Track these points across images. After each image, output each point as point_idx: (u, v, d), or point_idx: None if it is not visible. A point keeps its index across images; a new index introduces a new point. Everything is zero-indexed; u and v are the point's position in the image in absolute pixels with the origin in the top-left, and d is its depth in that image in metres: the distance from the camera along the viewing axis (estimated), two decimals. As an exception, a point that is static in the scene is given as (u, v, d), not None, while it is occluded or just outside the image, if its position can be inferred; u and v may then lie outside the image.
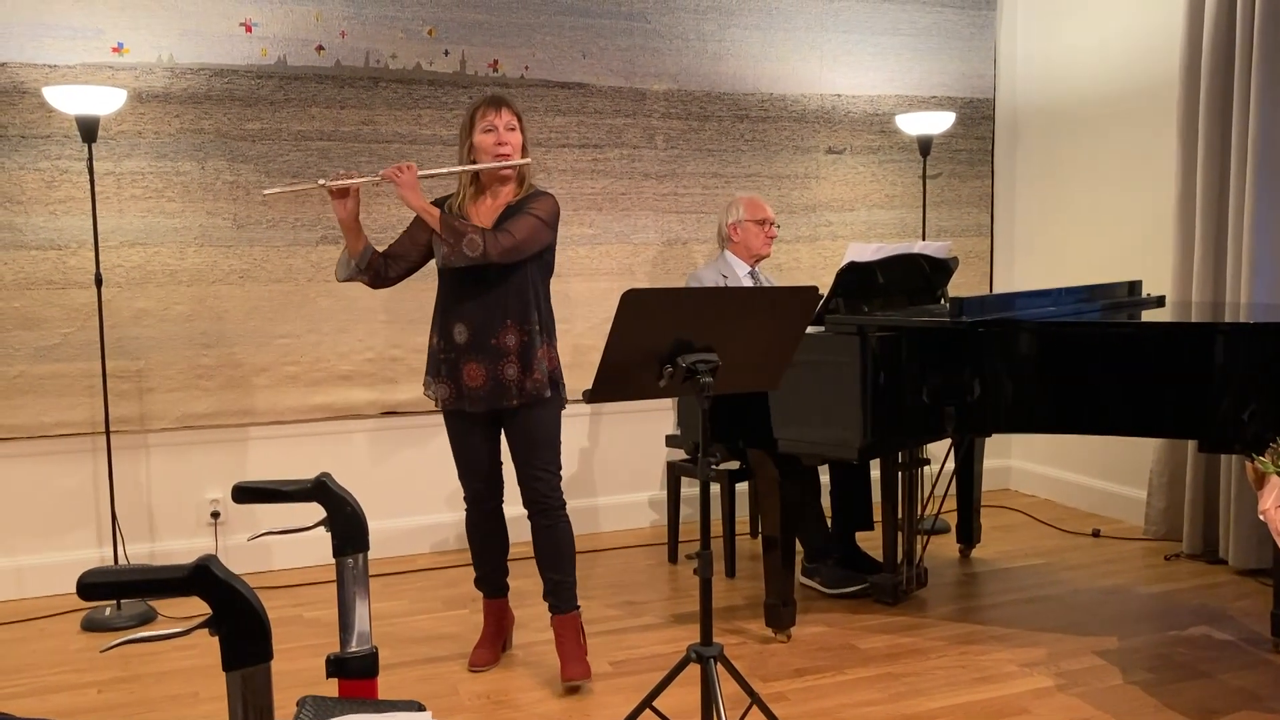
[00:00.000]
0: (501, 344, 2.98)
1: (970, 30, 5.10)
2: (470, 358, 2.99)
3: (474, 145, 3.01)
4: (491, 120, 2.98)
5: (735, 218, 4.11)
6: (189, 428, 4.07)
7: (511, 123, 3.01)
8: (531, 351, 3.01)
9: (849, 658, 3.23)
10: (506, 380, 2.99)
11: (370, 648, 1.81)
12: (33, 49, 3.77)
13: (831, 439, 3.16)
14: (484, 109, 3.00)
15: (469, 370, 3.00)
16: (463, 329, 2.99)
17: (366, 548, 1.83)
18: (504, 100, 3.03)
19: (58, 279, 3.86)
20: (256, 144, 4.06)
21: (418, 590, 3.96)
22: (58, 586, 3.91)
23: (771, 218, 4.14)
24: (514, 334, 2.99)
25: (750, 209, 4.11)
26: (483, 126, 2.99)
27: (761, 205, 4.14)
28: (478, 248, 2.89)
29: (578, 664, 3.06)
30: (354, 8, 4.14)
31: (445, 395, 3.05)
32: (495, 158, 2.98)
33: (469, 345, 2.99)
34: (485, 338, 2.98)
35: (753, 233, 4.09)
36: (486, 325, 2.98)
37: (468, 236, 2.89)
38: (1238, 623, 3.45)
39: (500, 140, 2.98)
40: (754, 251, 4.11)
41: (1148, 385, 2.98)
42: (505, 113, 3.00)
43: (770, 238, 4.13)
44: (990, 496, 5.04)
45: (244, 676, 1.26)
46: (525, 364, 3.00)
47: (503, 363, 2.98)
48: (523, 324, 3.00)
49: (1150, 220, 4.49)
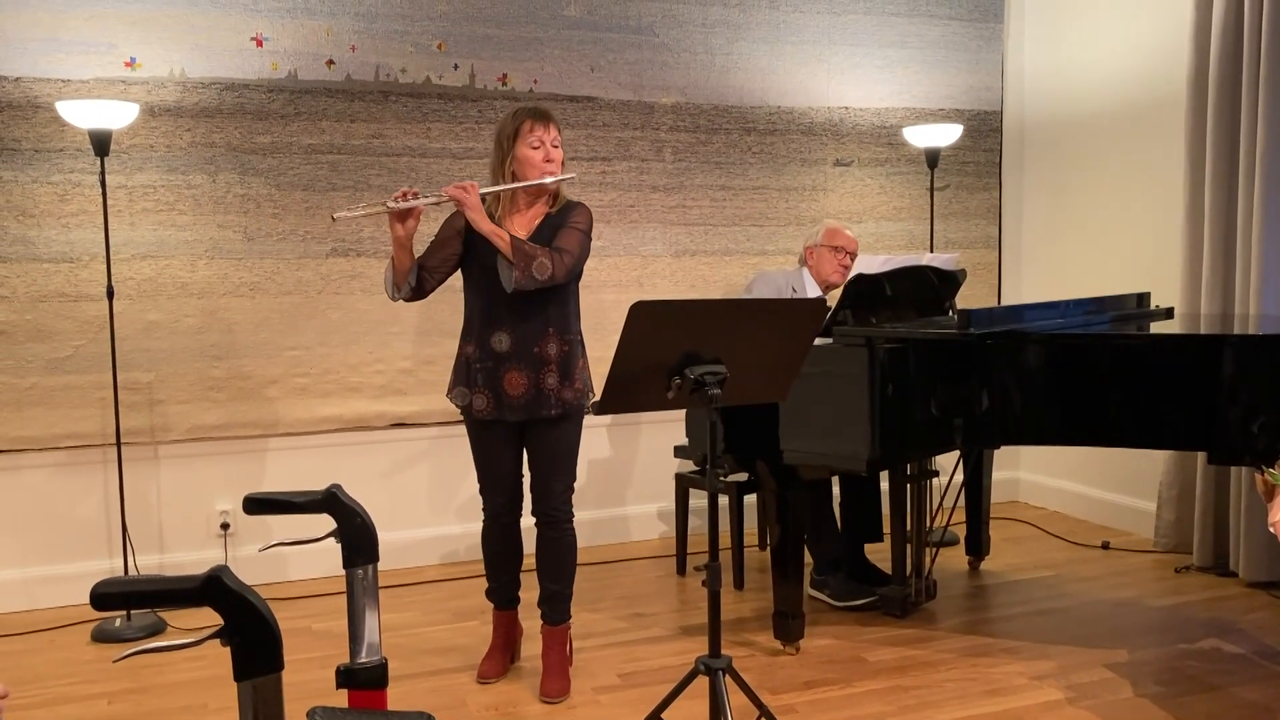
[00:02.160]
0: (544, 353, 2.98)
1: (978, 43, 5.11)
2: (512, 366, 2.98)
3: (517, 158, 2.99)
4: (539, 136, 2.97)
5: (813, 241, 4.10)
6: (199, 439, 4.08)
7: (556, 138, 3.01)
8: (572, 361, 3.03)
9: (858, 670, 3.22)
10: (547, 389, 2.99)
11: (380, 659, 1.81)
12: (46, 64, 3.80)
13: (840, 451, 3.16)
14: (530, 123, 2.98)
15: (510, 379, 2.98)
16: (504, 337, 2.98)
17: (376, 559, 1.83)
18: (549, 115, 3.02)
19: (70, 291, 3.89)
20: (267, 157, 4.08)
21: (427, 602, 3.96)
22: (68, 598, 3.92)
23: (849, 248, 4.07)
24: (555, 343, 3.00)
25: (829, 235, 4.07)
26: (530, 142, 2.97)
27: (841, 233, 4.08)
28: (547, 270, 2.89)
29: (559, 679, 3.08)
30: (364, 22, 4.17)
31: (483, 405, 3.02)
32: (542, 173, 2.98)
33: (511, 354, 2.98)
34: (528, 346, 2.97)
35: (825, 258, 4.06)
36: (529, 334, 2.97)
37: (538, 260, 2.88)
38: (1249, 636, 3.43)
39: (548, 156, 2.98)
40: (824, 277, 4.07)
41: (1157, 397, 2.97)
42: (551, 128, 3.00)
43: (844, 267, 4.06)
44: (999, 509, 5.03)
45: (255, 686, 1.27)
46: (565, 373, 3.01)
47: (544, 372, 2.98)
48: (564, 334, 3.02)
49: (1158, 232, 4.49)
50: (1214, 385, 2.91)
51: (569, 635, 3.19)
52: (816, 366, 3.11)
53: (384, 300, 4.24)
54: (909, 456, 3.54)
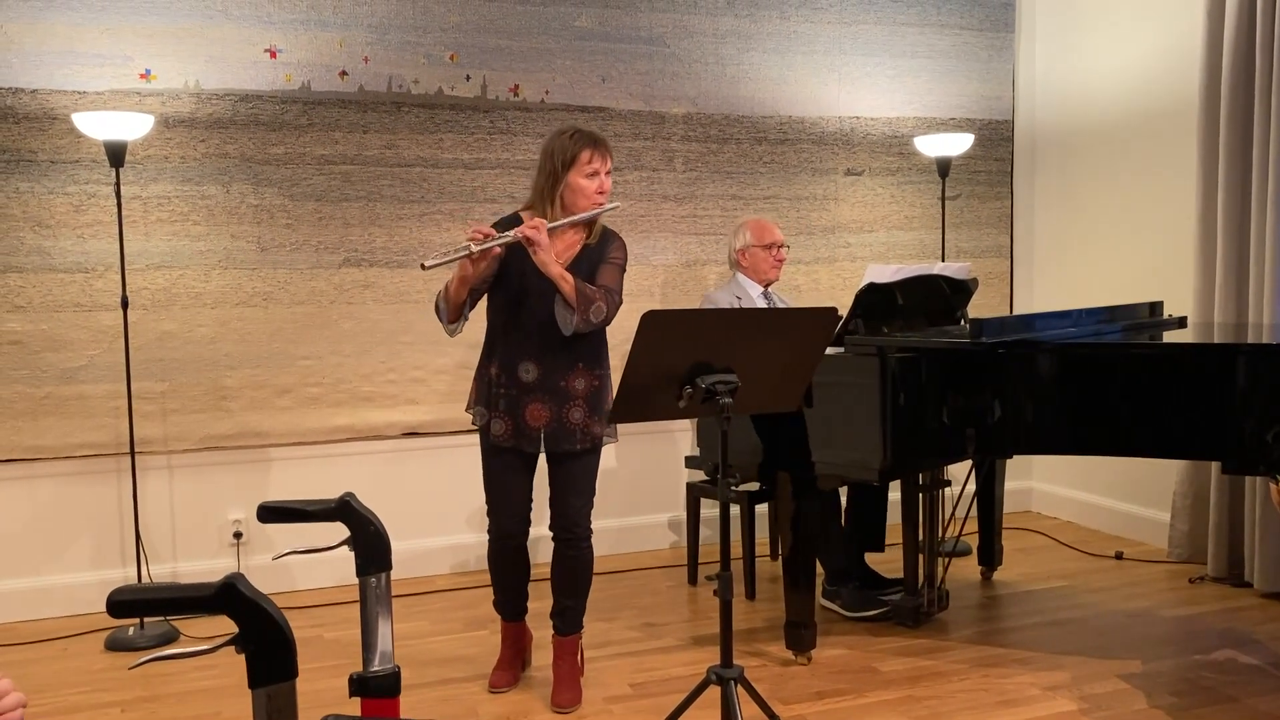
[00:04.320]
0: (570, 387, 2.94)
1: (989, 52, 5.12)
2: (535, 398, 2.93)
3: (571, 186, 2.92)
4: (596, 166, 2.92)
5: (743, 243, 4.06)
6: (212, 448, 4.10)
7: (609, 168, 2.97)
8: (603, 395, 2.99)
9: (870, 680, 3.21)
10: (572, 424, 2.95)
11: (393, 667, 1.81)
12: (62, 76, 3.84)
13: (852, 460, 3.16)
14: (590, 153, 2.92)
15: (532, 410, 2.94)
16: (531, 368, 2.93)
17: (389, 567, 1.84)
18: (608, 145, 2.98)
19: (85, 301, 3.91)
20: (280, 168, 4.11)
21: (438, 611, 3.96)
22: (81, 606, 3.94)
23: (779, 240, 4.06)
24: (584, 378, 2.96)
25: (756, 234, 4.05)
26: (586, 171, 2.91)
27: (767, 229, 4.07)
28: (603, 314, 2.86)
29: (570, 689, 3.07)
30: (377, 34, 4.20)
31: (501, 431, 2.98)
32: (594, 204, 2.93)
33: (536, 385, 2.93)
34: (555, 379, 2.93)
35: (760, 258, 4.04)
36: (557, 367, 2.92)
37: (595, 304, 2.84)
38: (1264, 647, 3.41)
39: (601, 188, 2.94)
40: (763, 275, 4.07)
41: (1170, 406, 2.96)
42: (608, 159, 2.96)
43: (779, 261, 4.07)
44: (1012, 519, 5.01)
45: (269, 694, 1.27)
46: (594, 407, 2.97)
47: (569, 406, 2.94)
48: (594, 368, 2.98)
49: (1171, 240, 4.48)
50: (1228, 394, 2.90)
51: (581, 645, 3.18)
52: (828, 376, 3.11)
53: (397, 310, 4.26)
54: (921, 466, 3.53)
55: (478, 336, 3.15)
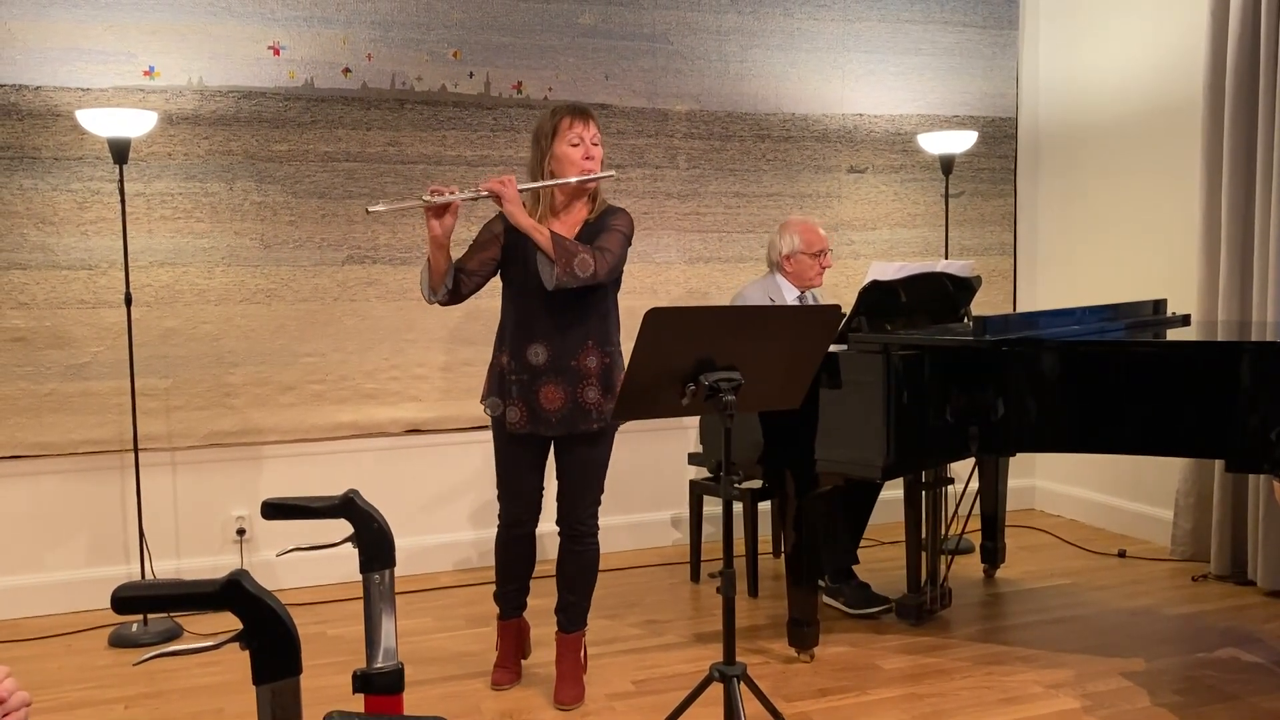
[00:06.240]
0: (582, 366, 2.92)
1: (992, 50, 5.11)
2: (548, 380, 2.92)
3: (556, 156, 2.90)
4: (579, 133, 2.89)
5: (790, 249, 3.92)
6: (216, 445, 4.10)
7: (596, 136, 2.93)
8: (613, 374, 2.96)
9: (872, 678, 3.21)
10: (587, 404, 2.93)
11: (396, 663, 1.82)
12: (66, 73, 3.84)
13: (854, 458, 3.16)
14: (569, 120, 2.90)
15: (546, 393, 2.92)
16: (540, 350, 2.91)
17: (393, 564, 1.84)
18: (589, 112, 2.94)
19: (88, 298, 3.92)
20: (284, 165, 4.11)
21: (441, 608, 3.97)
22: (85, 603, 3.94)
23: (827, 247, 3.97)
24: (595, 356, 2.93)
25: (806, 241, 3.91)
26: (569, 139, 2.89)
27: (817, 235, 3.95)
28: (589, 267, 2.80)
29: (573, 686, 3.08)
30: (380, 31, 4.20)
31: (516, 418, 2.96)
32: (581, 171, 2.89)
33: (547, 367, 2.91)
34: (565, 359, 2.91)
35: (806, 265, 3.92)
36: (567, 347, 2.91)
37: (579, 256, 2.79)
38: (1267, 645, 3.41)
39: (588, 154, 2.91)
40: (806, 282, 3.96)
41: (1173, 404, 2.96)
42: (591, 125, 2.92)
43: (824, 267, 3.97)
44: (1015, 516, 5.01)
45: (274, 690, 1.28)
46: (607, 385, 2.95)
47: (582, 385, 2.92)
48: (604, 346, 2.96)
49: (1174, 238, 4.47)
50: (1231, 392, 2.89)
51: (584, 642, 3.18)
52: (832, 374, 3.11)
53: (400, 307, 4.26)
54: (924, 464, 3.53)
55: (486, 334, 3.14)
